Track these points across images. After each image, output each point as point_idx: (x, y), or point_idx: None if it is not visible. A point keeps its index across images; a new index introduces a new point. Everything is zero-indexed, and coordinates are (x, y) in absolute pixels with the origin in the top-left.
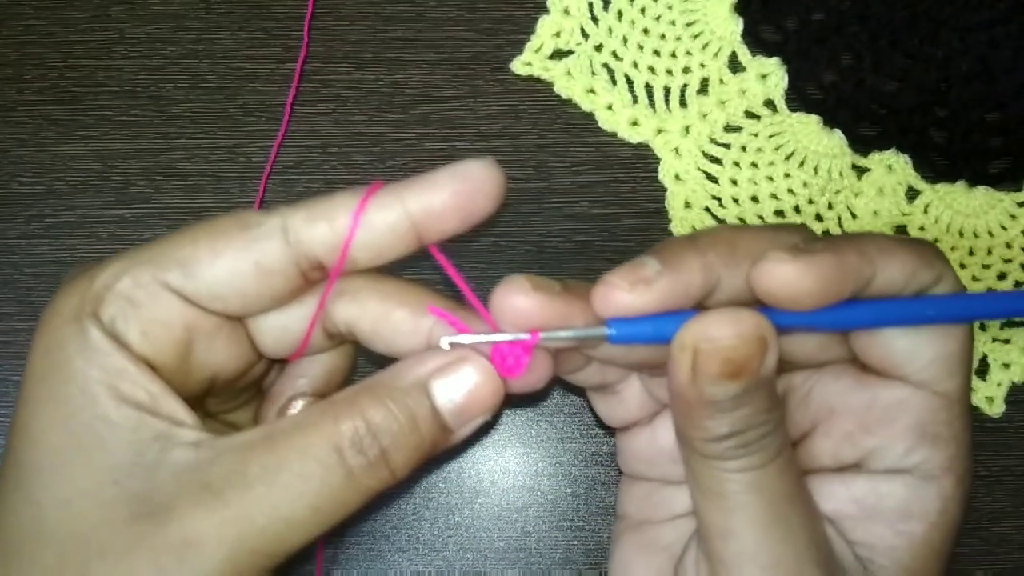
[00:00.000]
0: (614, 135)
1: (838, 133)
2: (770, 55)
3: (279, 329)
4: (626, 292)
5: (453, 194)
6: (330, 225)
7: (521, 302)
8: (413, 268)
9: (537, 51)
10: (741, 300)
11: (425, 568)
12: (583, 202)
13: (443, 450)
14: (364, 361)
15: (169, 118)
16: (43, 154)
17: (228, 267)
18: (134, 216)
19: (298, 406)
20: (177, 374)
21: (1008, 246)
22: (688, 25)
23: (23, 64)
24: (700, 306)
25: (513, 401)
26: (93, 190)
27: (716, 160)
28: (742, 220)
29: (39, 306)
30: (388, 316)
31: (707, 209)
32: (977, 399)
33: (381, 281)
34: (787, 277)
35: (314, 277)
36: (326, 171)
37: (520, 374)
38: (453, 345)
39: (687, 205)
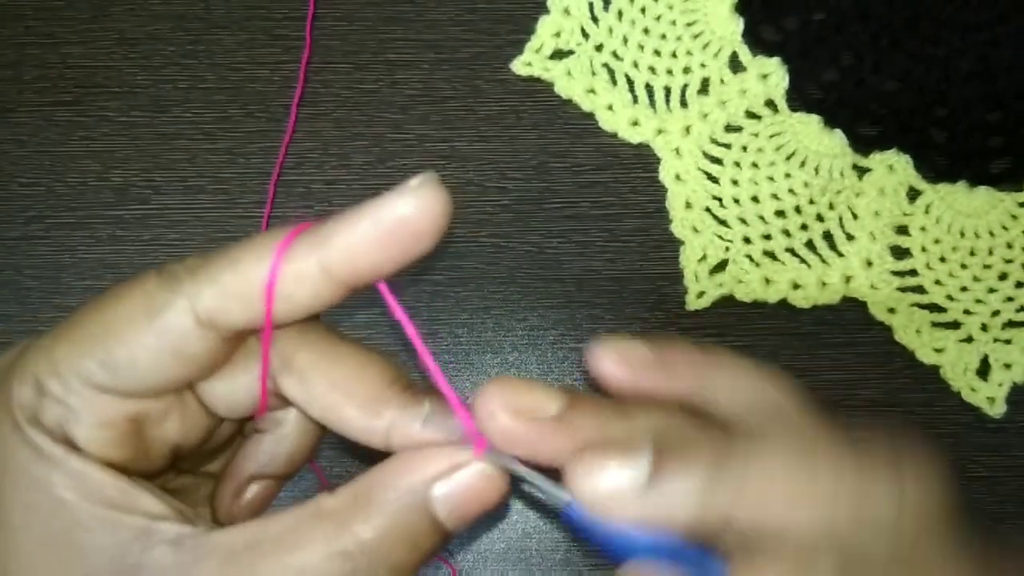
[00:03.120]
0: (614, 135)
1: (839, 133)
2: (771, 55)
3: (228, 394)
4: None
5: (378, 241)
6: (243, 304)
7: (509, 426)
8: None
9: (537, 51)
10: None
11: (424, 570)
12: (583, 202)
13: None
14: None
15: (169, 119)
16: (43, 155)
17: (148, 361)
18: (134, 217)
19: (252, 491)
20: (137, 461)
21: (1009, 246)
22: (688, 25)
23: (23, 65)
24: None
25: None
26: (93, 191)
27: (717, 160)
28: (743, 220)
29: (39, 308)
30: (337, 411)
31: (708, 209)
32: (978, 399)
33: (331, 360)
34: None
35: (245, 335)
36: (326, 172)
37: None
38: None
39: (688, 205)
